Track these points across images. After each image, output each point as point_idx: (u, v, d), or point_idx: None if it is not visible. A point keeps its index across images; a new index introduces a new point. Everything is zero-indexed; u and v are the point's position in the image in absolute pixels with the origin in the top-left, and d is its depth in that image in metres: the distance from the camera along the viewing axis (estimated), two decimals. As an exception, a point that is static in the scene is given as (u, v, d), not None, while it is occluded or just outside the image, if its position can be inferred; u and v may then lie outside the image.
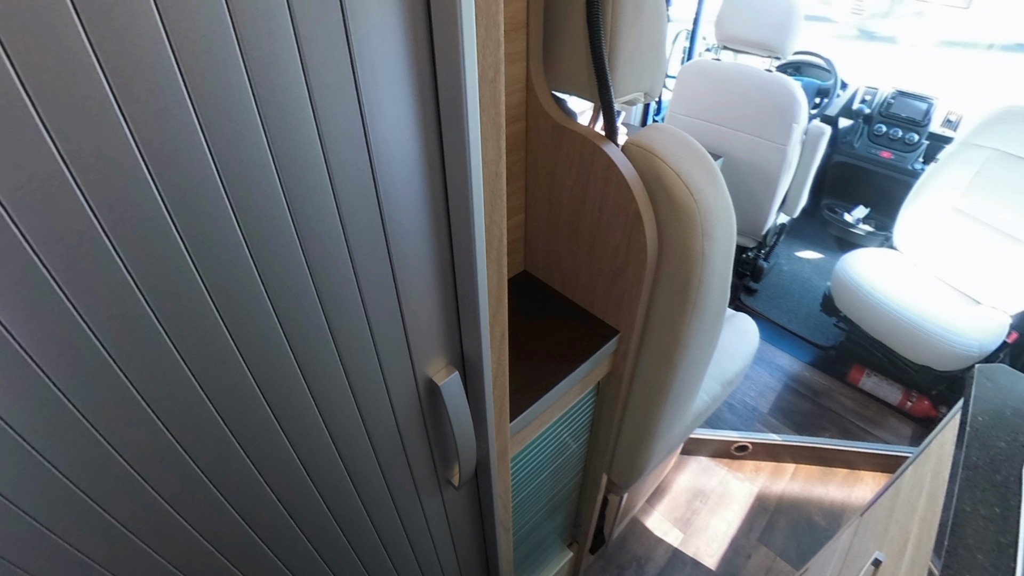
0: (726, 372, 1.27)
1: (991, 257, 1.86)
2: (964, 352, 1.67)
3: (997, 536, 0.60)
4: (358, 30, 0.32)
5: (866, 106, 2.57)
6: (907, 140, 2.47)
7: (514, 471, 0.88)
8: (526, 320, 0.89)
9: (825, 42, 3.25)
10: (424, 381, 0.53)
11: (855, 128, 2.63)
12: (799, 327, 2.39)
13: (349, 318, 0.42)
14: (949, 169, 1.97)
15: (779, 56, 1.90)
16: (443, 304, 0.50)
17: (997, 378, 0.81)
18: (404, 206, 0.40)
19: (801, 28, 1.84)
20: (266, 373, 0.39)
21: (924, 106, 2.43)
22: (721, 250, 0.77)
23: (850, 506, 1.71)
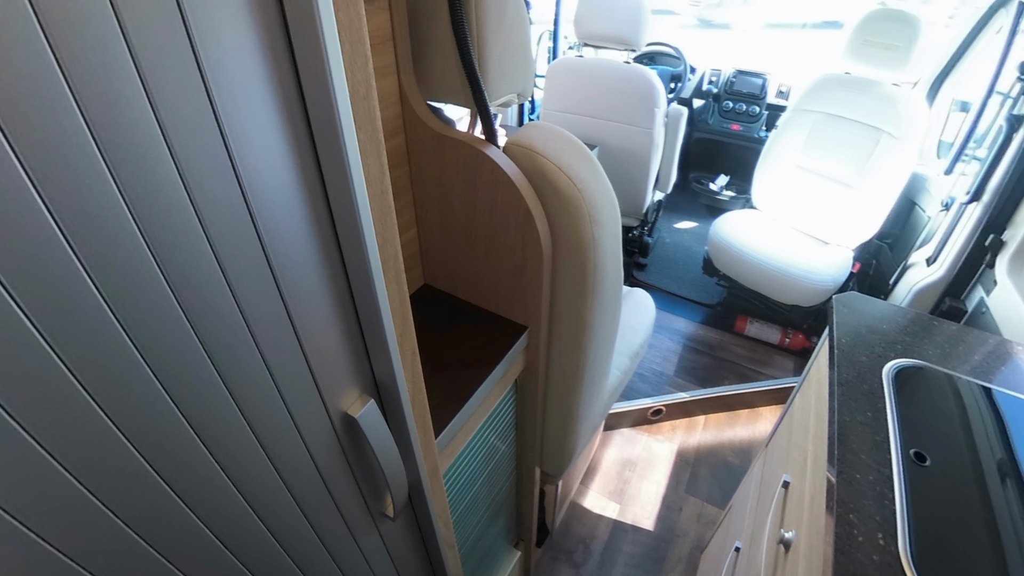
0: (632, 345, 1.36)
1: (831, 203, 2.19)
2: (822, 287, 1.96)
3: (873, 436, 0.71)
4: (210, 56, 0.30)
5: (713, 86, 2.96)
6: (750, 112, 2.88)
7: (448, 486, 0.88)
8: (435, 333, 0.89)
9: (672, 32, 3.70)
10: (339, 417, 0.51)
11: (707, 107, 3.02)
12: (688, 291, 2.64)
13: (245, 367, 0.39)
14: (787, 133, 2.30)
15: (634, 48, 2.08)
16: (346, 333, 0.48)
17: (851, 304, 0.96)
18: (288, 237, 0.39)
19: (650, 22, 2.04)
20: (156, 447, 0.35)
21: (760, 81, 2.85)
22: (609, 233, 0.83)
23: (756, 441, 1.93)
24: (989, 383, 0.83)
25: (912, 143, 2.01)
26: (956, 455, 0.70)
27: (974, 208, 1.57)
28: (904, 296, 1.81)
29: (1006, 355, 0.91)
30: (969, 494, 0.66)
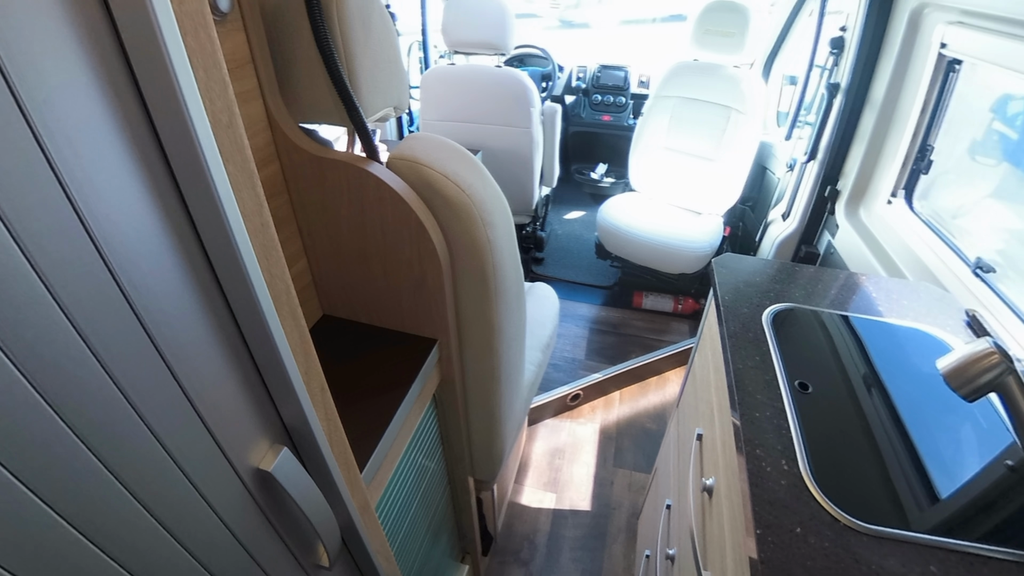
0: (541, 338, 1.40)
1: (697, 177, 2.43)
2: (701, 253, 2.16)
3: (764, 376, 0.80)
4: (33, 95, 0.26)
5: (581, 82, 3.19)
6: (618, 103, 3.13)
7: (383, 518, 0.85)
8: (343, 363, 0.85)
9: (537, 34, 3.90)
10: (251, 474, 0.47)
11: (578, 102, 3.23)
12: (585, 277, 2.78)
13: (130, 445, 0.35)
14: (652, 119, 2.52)
15: (504, 52, 2.16)
16: (245, 382, 0.45)
17: (728, 264, 1.07)
18: (160, 290, 0.35)
19: (515, 26, 2.12)
20: (31, 558, 0.30)
21: (622, 74, 3.11)
22: (504, 233, 0.85)
23: (668, 404, 2.08)
24: (846, 311, 0.97)
25: (756, 116, 2.29)
26: (831, 378, 0.81)
27: (812, 166, 1.83)
28: (769, 249, 2.06)
29: (855, 285, 1.06)
30: (846, 408, 0.76)
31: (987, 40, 1.13)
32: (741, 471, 0.68)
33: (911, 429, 0.75)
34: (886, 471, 0.68)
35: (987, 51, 1.14)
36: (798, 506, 0.62)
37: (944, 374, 0.57)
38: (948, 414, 0.78)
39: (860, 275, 1.11)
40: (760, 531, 0.59)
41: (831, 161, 1.75)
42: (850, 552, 0.58)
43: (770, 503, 0.62)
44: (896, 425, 0.75)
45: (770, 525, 0.60)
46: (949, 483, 0.68)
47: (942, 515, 0.64)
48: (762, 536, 0.59)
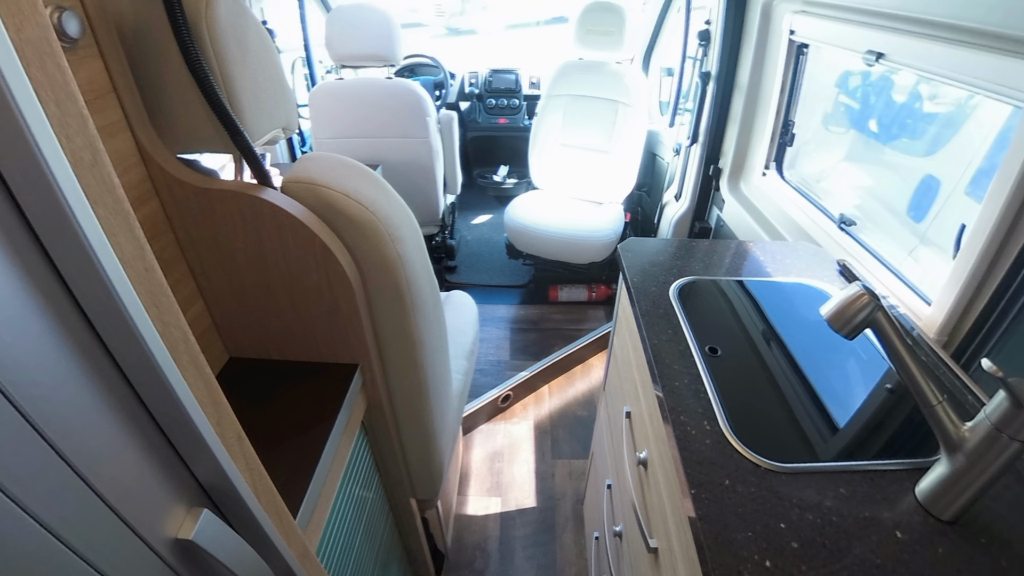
0: (464, 346, 1.40)
1: (595, 169, 2.55)
2: (607, 240, 2.27)
3: (677, 347, 0.85)
4: None
5: (474, 88, 3.23)
6: (512, 105, 3.21)
7: (326, 562, 0.81)
8: (259, 406, 0.80)
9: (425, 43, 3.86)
10: (170, 547, 0.43)
11: (473, 107, 3.27)
12: (500, 279, 2.81)
13: (15, 544, 0.31)
14: (546, 118, 2.61)
15: (393, 63, 2.13)
16: (148, 446, 0.41)
17: (632, 248, 1.13)
18: (29, 361, 0.31)
19: (402, 36, 2.10)
20: None
21: (513, 77, 3.20)
22: (413, 247, 0.84)
23: (595, 389, 2.16)
24: (740, 277, 1.06)
25: (641, 107, 2.45)
26: (735, 339, 0.89)
27: (695, 148, 1.99)
28: (667, 229, 2.20)
29: (745, 252, 1.17)
30: (752, 364, 0.84)
31: (826, 25, 1.28)
32: (670, 439, 0.72)
33: (808, 372, 0.84)
34: (792, 413, 0.76)
35: (827, 34, 1.29)
36: (724, 461, 0.67)
37: (827, 319, 0.65)
38: (835, 353, 0.88)
39: (748, 242, 1.22)
40: (694, 491, 0.63)
41: (711, 143, 1.92)
42: (773, 492, 0.64)
43: (699, 463, 0.67)
44: (795, 371, 0.84)
45: (702, 483, 0.64)
46: (844, 413, 0.77)
47: (843, 442, 0.72)
48: (696, 495, 0.63)
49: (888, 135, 1.59)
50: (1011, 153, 0.80)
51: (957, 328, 0.90)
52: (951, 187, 1.33)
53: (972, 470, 0.58)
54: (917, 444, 0.72)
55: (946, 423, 0.60)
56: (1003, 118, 1.15)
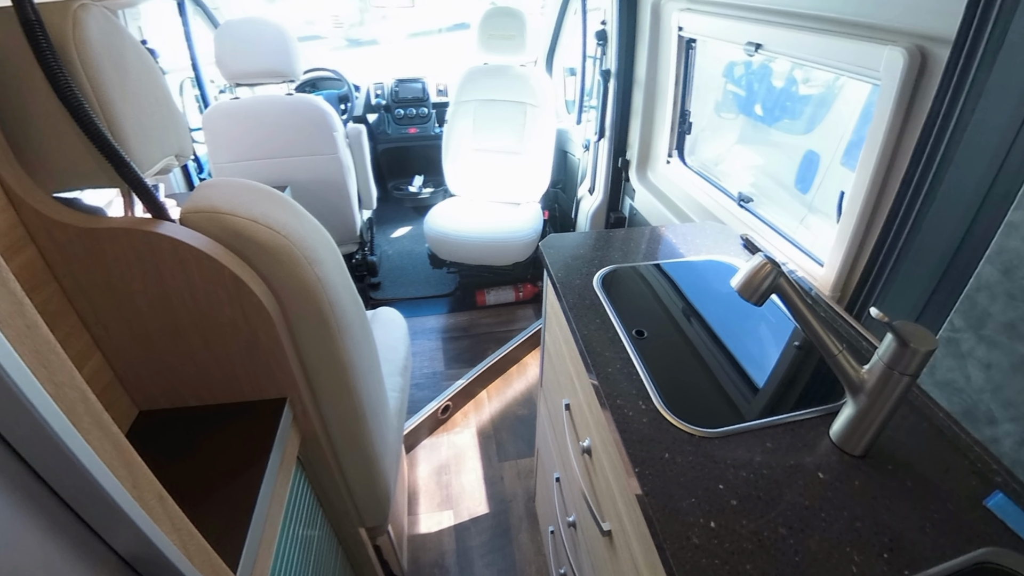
0: (397, 363, 1.37)
1: (509, 171, 2.59)
2: (528, 240, 2.31)
3: (607, 335, 0.89)
4: None
5: (381, 99, 3.16)
6: (421, 114, 3.18)
7: (275, 611, 0.76)
8: (180, 459, 0.74)
9: (326, 56, 3.71)
10: (92, 628, 0.39)
11: (382, 119, 3.20)
12: (426, 290, 2.78)
13: None
14: (456, 124, 2.62)
15: (293, 78, 2.03)
16: (52, 526, 0.37)
17: (553, 244, 1.16)
18: None
19: (299, 50, 2.00)
20: None
21: (419, 85, 3.17)
22: (333, 268, 0.81)
23: (533, 387, 2.19)
24: (657, 260, 1.12)
25: (548, 108, 2.52)
26: (659, 320, 0.93)
27: (603, 143, 2.08)
28: (585, 223, 2.28)
29: (658, 237, 1.23)
30: (676, 341, 0.89)
31: (709, 21, 1.38)
32: (609, 423, 0.75)
33: (727, 341, 0.90)
34: (717, 381, 0.81)
35: (711, 29, 1.39)
36: (661, 436, 0.71)
37: (737, 290, 0.70)
38: (748, 320, 0.95)
39: (660, 227, 1.29)
40: (638, 469, 0.66)
41: (617, 136, 2.01)
42: (709, 457, 0.68)
43: (639, 442, 0.70)
44: (715, 342, 0.90)
45: (644, 460, 0.67)
46: (762, 374, 0.84)
47: (764, 401, 0.79)
48: (640, 472, 0.66)
49: (772, 117, 1.74)
50: (874, 126, 0.90)
51: (847, 284, 1.00)
52: (829, 159, 1.48)
53: (873, 407, 0.65)
54: (826, 392, 0.80)
55: (847, 369, 0.67)
56: (864, 95, 1.30)
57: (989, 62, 0.69)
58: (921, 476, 0.67)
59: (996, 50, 0.68)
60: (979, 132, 0.72)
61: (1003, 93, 0.68)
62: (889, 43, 0.84)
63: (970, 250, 0.74)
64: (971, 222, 0.74)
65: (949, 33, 0.73)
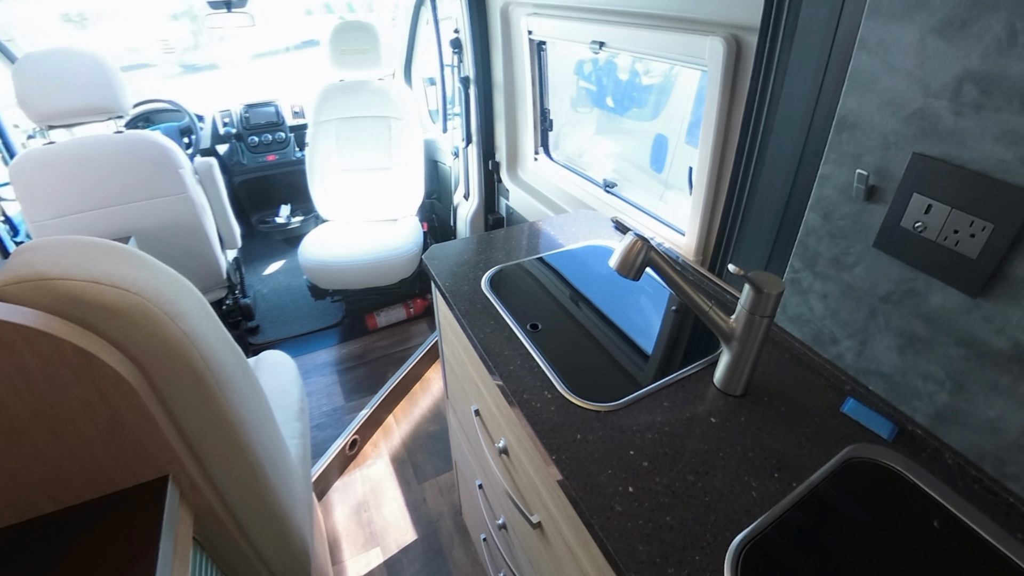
0: (291, 408, 1.29)
1: (382, 188, 2.55)
2: (410, 255, 2.29)
3: (503, 335, 0.91)
4: None
5: (230, 127, 2.93)
6: (278, 140, 3.00)
7: None
8: None
9: (159, 85, 3.30)
10: None
11: (234, 148, 2.97)
12: (311, 324, 2.63)
13: None
14: (318, 146, 2.52)
15: (121, 114, 1.81)
16: None
17: (437, 255, 1.16)
18: None
19: (124, 81, 1.79)
20: None
21: (272, 109, 2.99)
22: (201, 319, 0.74)
23: (440, 400, 2.17)
24: (539, 254, 1.17)
25: (412, 119, 2.51)
26: (549, 311, 0.97)
27: (472, 148, 2.12)
28: (464, 229, 2.30)
29: (537, 231, 1.28)
30: (569, 328, 0.93)
31: (556, 23, 1.47)
32: (520, 419, 0.76)
33: (614, 318, 0.96)
34: (612, 357, 0.87)
35: (558, 31, 1.48)
36: (570, 419, 0.74)
37: (615, 268, 0.76)
38: (629, 295, 1.03)
39: (537, 222, 1.35)
40: (554, 456, 0.69)
41: (484, 140, 2.06)
42: (616, 428, 0.72)
43: (551, 430, 0.72)
44: (604, 321, 0.96)
45: (559, 446, 0.70)
46: (649, 342, 0.91)
47: (655, 365, 0.85)
48: (558, 459, 0.68)
49: (622, 108, 1.90)
50: (707, 106, 1.02)
51: (706, 247, 1.12)
52: (676, 140, 1.64)
53: (744, 350, 0.74)
54: (705, 345, 0.89)
55: (718, 321, 0.75)
56: (696, 81, 1.46)
57: (788, 44, 0.81)
58: (791, 400, 0.78)
59: (792, 34, 0.80)
60: (789, 103, 0.84)
61: (801, 69, 0.80)
62: (710, 34, 0.96)
63: (797, 203, 0.86)
64: (794, 179, 0.86)
65: (755, 22, 0.85)
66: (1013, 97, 0.54)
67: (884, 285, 0.72)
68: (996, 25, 0.54)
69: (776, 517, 0.62)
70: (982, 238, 0.60)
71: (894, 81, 0.64)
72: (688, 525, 0.61)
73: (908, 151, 0.65)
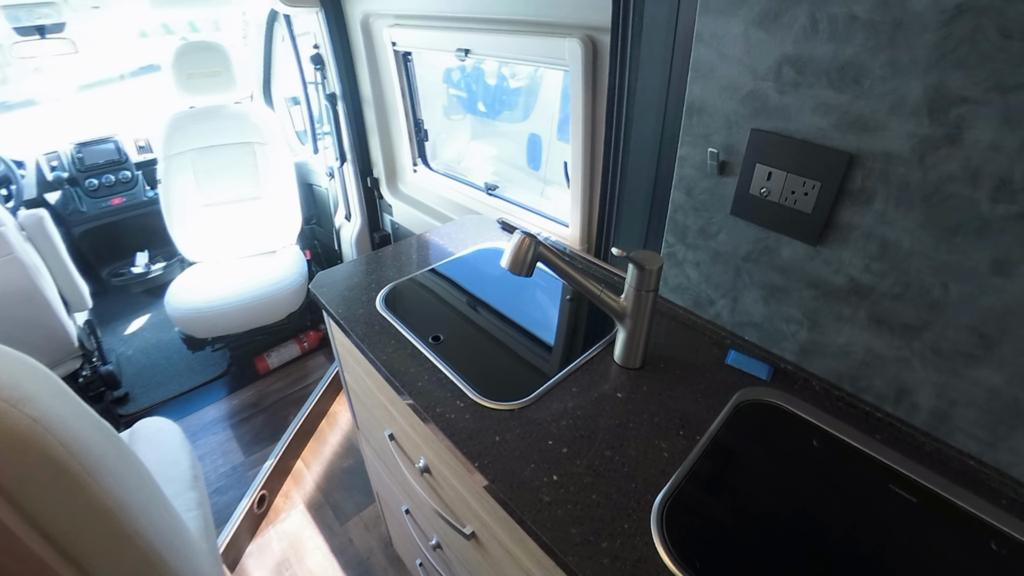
0: (183, 478, 1.19)
1: (254, 219, 2.40)
2: (295, 286, 2.18)
3: (406, 352, 0.89)
4: None
5: (61, 171, 2.57)
6: (123, 179, 2.68)
7: None
8: None
9: None
10: None
11: (69, 195, 2.62)
12: (192, 379, 2.40)
13: None
14: (173, 182, 2.31)
15: None
16: None
17: (324, 282, 1.11)
18: None
19: None
20: None
21: (112, 146, 2.67)
22: (52, 399, 0.65)
23: (350, 432, 2.09)
24: (431, 265, 1.17)
25: (278, 142, 2.39)
26: (450, 320, 0.98)
27: (347, 167, 2.06)
28: (350, 251, 2.24)
29: (426, 243, 1.28)
30: (471, 334, 0.95)
31: (419, 33, 1.48)
32: (437, 433, 0.76)
33: (513, 317, 0.99)
34: (517, 354, 0.90)
35: (422, 41, 1.49)
36: (486, 424, 0.75)
37: (507, 268, 0.78)
38: (525, 292, 1.07)
39: (425, 234, 1.35)
40: (477, 463, 0.70)
41: (360, 157, 2.01)
42: (532, 423, 0.75)
43: (469, 438, 0.73)
44: (505, 321, 0.98)
45: (480, 452, 0.71)
46: (550, 333, 0.95)
47: (559, 355, 0.89)
48: (480, 465, 0.69)
49: (494, 112, 1.96)
50: (573, 104, 1.09)
51: (589, 235, 1.19)
52: (548, 138, 1.72)
53: (637, 325, 0.80)
54: (602, 327, 0.95)
55: (610, 302, 0.81)
56: (560, 80, 1.55)
57: (638, 41, 0.89)
58: (683, 362, 0.86)
59: (640, 32, 0.88)
60: (644, 95, 0.93)
61: (651, 63, 0.89)
62: (568, 36, 1.03)
63: (663, 184, 0.94)
64: (657, 163, 0.95)
65: (607, 23, 0.93)
66: (821, 75, 0.65)
67: (744, 246, 0.82)
68: (801, 15, 0.64)
69: (688, 470, 0.68)
70: (813, 195, 0.70)
71: (728, 68, 0.74)
72: (613, 498, 0.64)
73: (747, 128, 0.75)
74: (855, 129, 0.65)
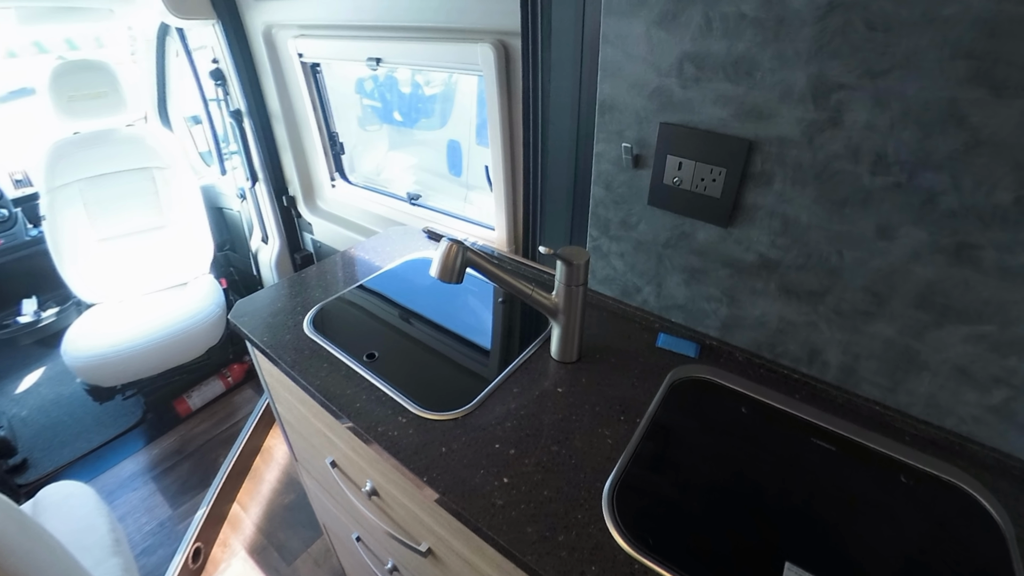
0: (102, 544, 1.10)
1: (159, 250, 2.27)
2: (214, 318, 2.07)
3: (339, 374, 0.87)
4: None
5: None
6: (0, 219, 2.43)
7: None
8: None
9: None
10: None
11: None
12: (102, 434, 2.21)
13: None
14: (60, 218, 2.13)
15: None
16: None
17: (245, 311, 1.07)
18: None
19: None
20: None
21: None
22: None
23: (288, 466, 2.02)
24: (359, 282, 1.15)
25: (180, 165, 2.25)
26: (383, 336, 0.97)
27: (260, 186, 1.97)
28: (270, 275, 2.15)
29: (351, 260, 1.26)
30: (405, 346, 0.94)
31: (327, 43, 1.44)
32: (381, 453, 0.75)
33: (448, 325, 1.00)
34: (455, 362, 0.90)
35: (330, 51, 1.46)
36: (431, 436, 0.75)
37: (437, 277, 0.78)
38: (457, 299, 1.07)
39: (349, 250, 1.32)
40: (425, 477, 0.69)
41: (272, 175, 1.93)
42: (477, 429, 0.76)
43: (415, 453, 0.73)
44: (439, 330, 0.99)
45: (427, 466, 0.71)
46: (486, 338, 0.96)
47: (497, 358, 0.91)
48: (429, 478, 0.69)
49: (411, 120, 1.95)
50: (489, 108, 1.11)
51: (516, 237, 1.22)
52: (468, 143, 1.74)
53: (570, 320, 0.83)
54: (536, 326, 0.97)
55: (542, 300, 0.83)
56: (475, 85, 1.56)
57: (548, 44, 0.93)
58: (617, 350, 0.90)
59: (549, 34, 0.92)
60: (558, 95, 0.96)
61: (562, 64, 0.92)
62: (479, 41, 1.05)
63: (583, 180, 0.98)
64: (576, 160, 0.99)
65: (517, 27, 0.96)
66: (718, 69, 0.70)
67: (663, 234, 0.87)
68: (697, 15, 0.69)
69: (632, 453, 0.71)
70: (721, 181, 0.76)
71: (634, 67, 0.78)
72: (564, 491, 0.66)
73: (656, 122, 0.80)
74: (752, 117, 0.71)
